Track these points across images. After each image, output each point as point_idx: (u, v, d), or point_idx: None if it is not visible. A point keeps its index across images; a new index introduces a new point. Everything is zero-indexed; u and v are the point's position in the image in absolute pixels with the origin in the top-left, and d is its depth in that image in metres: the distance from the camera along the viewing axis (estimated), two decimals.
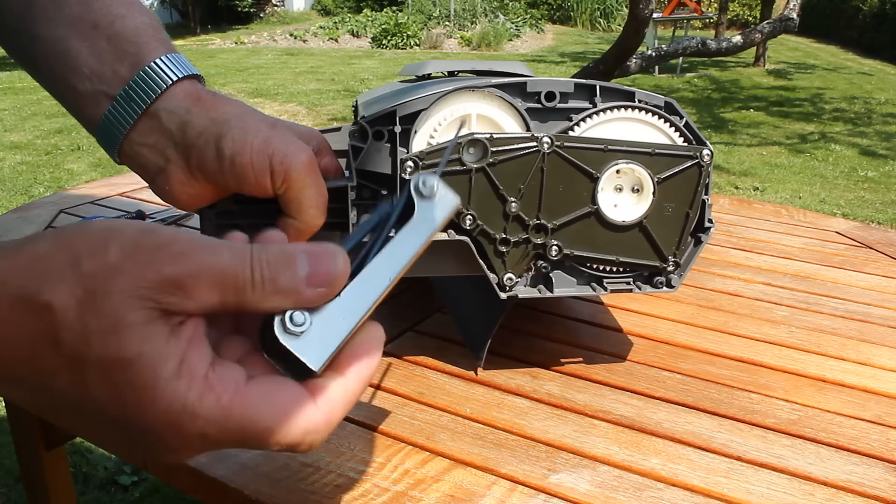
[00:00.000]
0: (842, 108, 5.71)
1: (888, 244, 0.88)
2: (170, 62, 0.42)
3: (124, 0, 0.43)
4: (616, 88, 0.49)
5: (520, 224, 0.48)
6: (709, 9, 10.89)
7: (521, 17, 11.19)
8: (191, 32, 11.05)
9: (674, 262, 0.51)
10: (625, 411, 0.52)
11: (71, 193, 1.00)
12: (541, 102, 0.49)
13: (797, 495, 0.43)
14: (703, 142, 0.50)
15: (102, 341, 0.25)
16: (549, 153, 0.47)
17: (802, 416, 0.52)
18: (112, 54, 0.42)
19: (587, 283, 0.51)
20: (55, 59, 0.42)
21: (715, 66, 7.75)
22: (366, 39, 9.83)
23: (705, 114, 5.45)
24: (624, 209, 0.49)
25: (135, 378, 0.26)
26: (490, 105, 0.48)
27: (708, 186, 0.50)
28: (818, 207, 3.34)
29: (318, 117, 5.19)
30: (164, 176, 0.43)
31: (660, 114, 0.49)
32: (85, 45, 0.41)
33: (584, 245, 0.50)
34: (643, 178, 0.49)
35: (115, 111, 0.42)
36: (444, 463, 0.46)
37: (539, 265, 0.50)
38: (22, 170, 3.72)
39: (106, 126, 0.43)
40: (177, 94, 0.42)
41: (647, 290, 0.52)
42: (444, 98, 0.48)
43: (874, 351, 0.62)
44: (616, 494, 0.43)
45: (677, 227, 0.50)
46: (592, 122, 0.49)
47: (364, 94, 0.91)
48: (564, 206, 0.48)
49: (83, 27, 0.42)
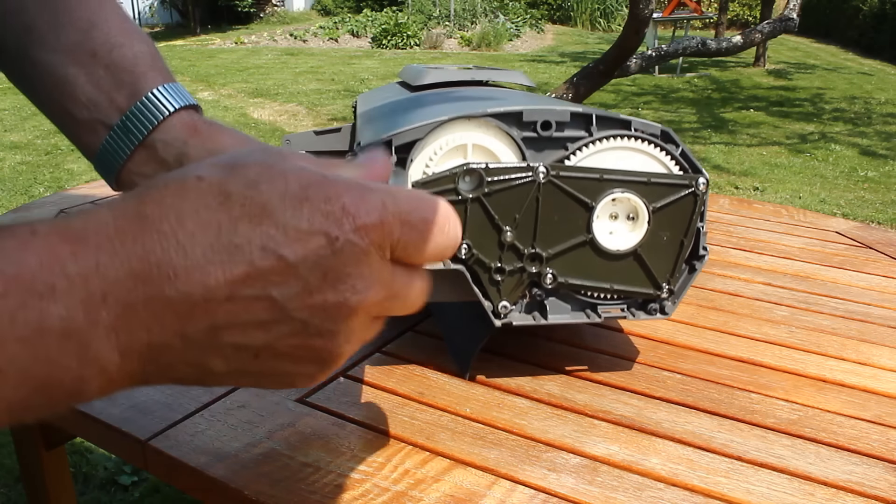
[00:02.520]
0: (842, 108, 5.71)
1: (888, 244, 0.88)
2: (167, 92, 0.42)
3: (123, 28, 0.43)
4: (612, 117, 0.49)
5: (515, 253, 0.48)
6: (709, 9, 10.89)
7: (521, 17, 11.19)
8: (191, 32, 11.05)
9: (668, 289, 0.51)
10: (625, 411, 0.52)
11: (71, 193, 1.00)
12: (536, 132, 0.49)
13: (797, 495, 0.43)
14: (699, 170, 0.50)
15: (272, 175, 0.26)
16: (544, 183, 0.47)
17: (802, 416, 0.52)
18: (110, 83, 0.42)
19: (581, 310, 0.52)
20: (53, 86, 0.42)
21: (715, 66, 7.75)
22: (366, 39, 9.83)
23: (705, 114, 5.44)
24: (619, 237, 0.49)
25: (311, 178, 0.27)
26: (486, 134, 0.48)
27: (703, 214, 0.50)
28: (818, 207, 3.34)
29: (318, 117, 5.19)
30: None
31: (656, 142, 0.49)
32: (83, 73, 0.42)
33: (578, 273, 0.50)
34: (638, 207, 0.49)
35: (113, 141, 0.42)
36: (444, 463, 0.46)
37: (534, 293, 0.50)
38: (22, 170, 3.72)
39: (103, 155, 0.43)
40: (174, 126, 0.42)
41: (641, 317, 0.52)
42: (440, 127, 0.48)
43: (874, 351, 0.62)
44: (616, 494, 0.43)
45: (672, 255, 0.50)
46: (588, 151, 0.49)
47: (364, 95, 0.91)
48: (559, 235, 0.48)
49: (82, 55, 0.42)
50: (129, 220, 0.25)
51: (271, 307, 0.26)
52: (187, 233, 0.25)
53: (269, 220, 0.25)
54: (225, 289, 0.25)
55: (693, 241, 0.50)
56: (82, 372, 0.24)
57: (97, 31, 0.42)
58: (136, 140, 0.42)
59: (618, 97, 5.97)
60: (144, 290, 0.24)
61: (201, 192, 0.25)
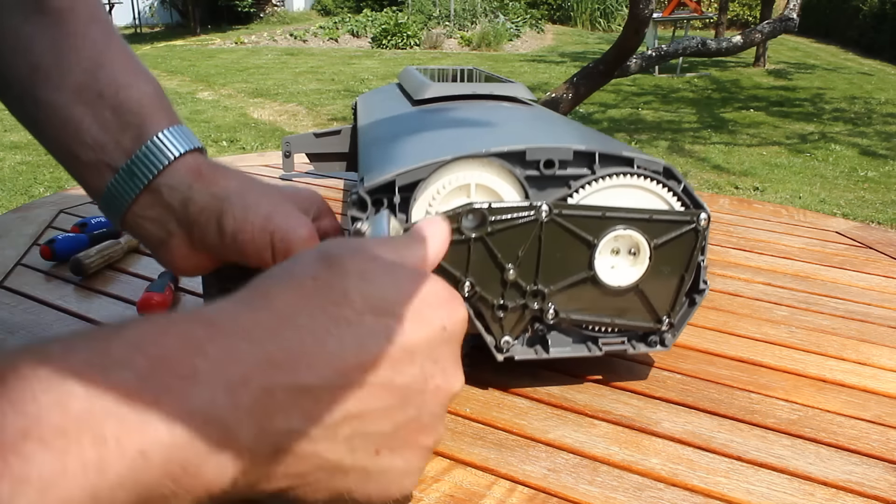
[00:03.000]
0: (842, 108, 5.71)
1: (888, 244, 0.88)
2: (172, 136, 0.42)
3: (130, 68, 0.43)
4: (615, 155, 0.49)
5: (517, 290, 0.49)
6: (709, 9, 10.89)
7: (521, 17, 11.19)
8: (191, 32, 11.05)
9: (668, 322, 0.52)
10: (625, 411, 0.52)
11: (71, 193, 1.00)
12: (539, 170, 0.49)
13: (797, 495, 0.43)
14: (701, 205, 0.50)
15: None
16: (547, 221, 0.47)
17: (802, 416, 0.52)
18: (116, 125, 0.41)
19: (583, 343, 0.53)
20: (59, 127, 0.42)
21: (715, 66, 7.76)
22: (366, 39, 9.83)
23: (705, 114, 5.45)
24: (620, 272, 0.50)
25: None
26: (489, 173, 0.48)
27: (704, 249, 0.50)
28: (818, 207, 3.34)
29: (318, 117, 5.19)
30: (167, 248, 0.44)
31: (658, 179, 0.49)
32: (89, 114, 0.41)
33: (580, 308, 0.50)
34: (640, 243, 0.49)
35: (118, 184, 0.42)
36: (443, 463, 0.46)
37: (536, 327, 0.51)
38: (22, 170, 3.72)
39: (109, 198, 0.43)
40: (178, 170, 0.42)
41: (641, 349, 0.53)
42: (443, 167, 0.48)
43: (874, 351, 0.62)
44: (616, 494, 0.43)
45: (672, 289, 0.51)
46: (591, 189, 0.49)
47: (364, 97, 0.91)
48: (562, 271, 0.49)
49: (88, 96, 0.41)
50: (259, 312, 0.27)
51: (395, 393, 0.28)
52: (320, 326, 0.27)
53: (389, 313, 0.28)
54: (357, 375, 0.27)
55: (694, 275, 0.51)
56: (220, 457, 0.24)
57: (103, 71, 0.42)
58: (142, 184, 0.42)
59: (618, 97, 5.97)
60: (283, 376, 0.25)
61: (320, 290, 0.28)
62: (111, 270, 0.74)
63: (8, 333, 0.60)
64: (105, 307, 0.66)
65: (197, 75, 6.91)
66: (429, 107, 0.67)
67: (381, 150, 0.54)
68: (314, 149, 0.90)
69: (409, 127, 0.60)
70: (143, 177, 0.41)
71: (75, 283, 0.71)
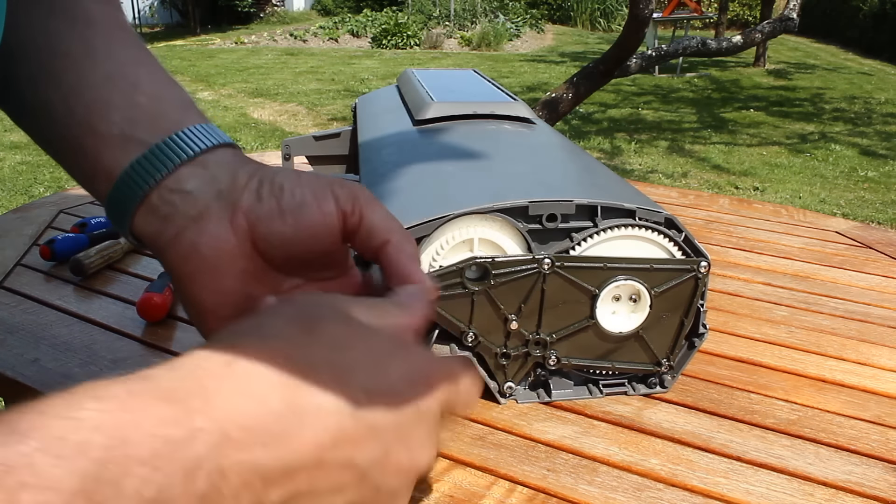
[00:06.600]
0: (842, 108, 5.71)
1: (888, 244, 0.88)
2: (213, 129, 0.40)
3: (165, 76, 0.41)
4: (617, 207, 0.50)
5: (520, 339, 0.50)
6: (709, 9, 10.89)
7: (521, 16, 11.19)
8: (191, 32, 11.05)
9: (668, 364, 0.52)
10: (625, 411, 0.52)
11: (71, 193, 1.00)
12: (542, 224, 0.49)
13: (797, 495, 0.43)
14: (702, 253, 0.50)
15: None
16: (549, 273, 0.48)
17: (802, 416, 0.52)
18: (151, 110, 0.39)
19: (584, 385, 0.54)
20: (83, 104, 0.38)
21: (715, 66, 7.76)
22: (366, 39, 9.83)
23: (705, 114, 5.45)
24: (621, 318, 0.51)
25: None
26: (492, 228, 0.49)
27: (703, 294, 0.51)
28: (818, 207, 3.34)
29: (318, 117, 5.19)
30: (197, 229, 0.36)
31: (660, 230, 0.50)
32: (122, 97, 0.38)
33: (581, 353, 0.51)
34: (641, 291, 0.50)
35: (154, 156, 0.37)
36: (443, 463, 0.46)
37: (538, 372, 0.52)
38: (22, 170, 3.72)
39: (135, 172, 0.37)
40: (227, 152, 0.39)
41: (641, 391, 0.54)
42: (447, 223, 0.48)
43: (874, 351, 0.62)
44: (615, 495, 0.43)
45: (672, 333, 0.52)
46: (593, 241, 0.49)
47: (364, 99, 0.91)
48: (563, 320, 0.50)
49: (123, 85, 0.39)
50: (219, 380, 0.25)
51: (353, 471, 0.27)
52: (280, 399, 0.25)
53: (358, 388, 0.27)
54: (314, 453, 0.25)
55: (693, 319, 0.52)
56: None
57: (143, 68, 0.40)
58: (186, 155, 0.37)
59: (618, 97, 5.97)
60: (238, 455, 0.24)
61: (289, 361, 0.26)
62: (111, 270, 0.74)
63: (8, 333, 0.60)
64: (105, 307, 0.66)
65: (197, 75, 6.91)
66: (430, 127, 0.67)
67: (383, 189, 0.54)
68: (314, 151, 0.90)
69: (412, 155, 0.60)
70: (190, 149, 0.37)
71: (75, 284, 0.71)
